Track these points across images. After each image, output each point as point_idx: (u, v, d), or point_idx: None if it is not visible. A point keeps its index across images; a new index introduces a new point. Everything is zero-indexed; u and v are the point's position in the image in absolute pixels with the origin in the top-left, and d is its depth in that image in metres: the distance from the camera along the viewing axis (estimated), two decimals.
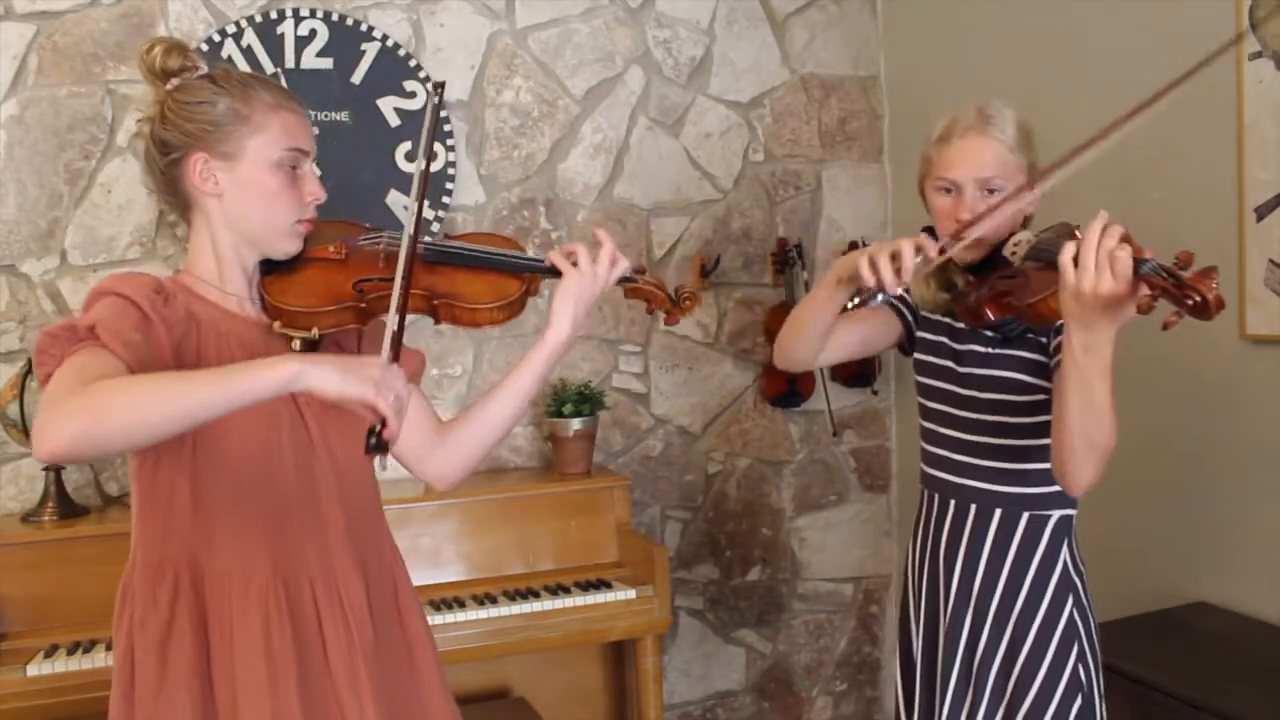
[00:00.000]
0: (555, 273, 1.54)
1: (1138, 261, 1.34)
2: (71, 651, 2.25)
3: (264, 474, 1.42)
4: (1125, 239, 1.36)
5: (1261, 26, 2.13)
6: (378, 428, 1.24)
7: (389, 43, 2.87)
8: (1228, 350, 2.23)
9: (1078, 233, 1.55)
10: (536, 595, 2.62)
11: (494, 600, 2.59)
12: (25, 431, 2.45)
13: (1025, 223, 1.71)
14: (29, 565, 2.38)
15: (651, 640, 2.69)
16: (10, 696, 2.16)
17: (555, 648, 2.69)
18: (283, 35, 2.78)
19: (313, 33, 2.81)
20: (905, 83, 3.34)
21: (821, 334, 1.78)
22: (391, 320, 1.36)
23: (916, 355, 1.85)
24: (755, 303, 3.29)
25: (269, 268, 1.50)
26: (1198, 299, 1.28)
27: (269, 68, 2.76)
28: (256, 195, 1.44)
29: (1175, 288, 1.31)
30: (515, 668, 2.87)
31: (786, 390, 3.24)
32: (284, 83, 2.70)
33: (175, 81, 1.44)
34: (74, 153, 2.69)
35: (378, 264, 1.51)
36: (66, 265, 2.69)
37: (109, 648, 2.26)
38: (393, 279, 1.42)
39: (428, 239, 1.55)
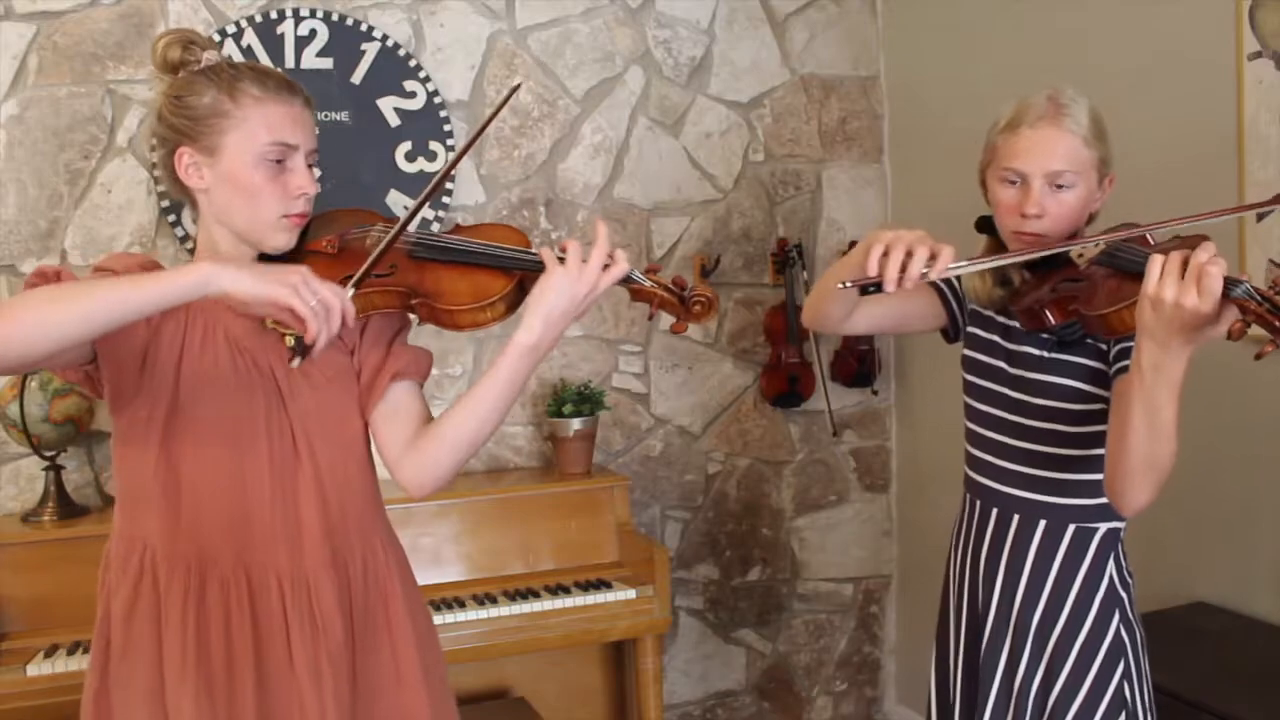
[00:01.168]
0: (543, 268, 1.43)
1: (1229, 283, 1.25)
2: (71, 651, 2.25)
3: (236, 469, 1.42)
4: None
5: (1261, 26, 2.13)
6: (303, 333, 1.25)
7: (389, 43, 2.87)
8: (1229, 350, 2.23)
9: (1149, 237, 1.48)
10: (536, 595, 2.62)
11: (494, 600, 2.59)
12: (25, 431, 2.45)
13: (1090, 220, 1.62)
14: (29, 565, 2.38)
15: (651, 640, 2.69)
16: (10, 696, 2.16)
17: (555, 648, 2.69)
18: (283, 35, 2.78)
19: (313, 33, 2.81)
20: (905, 83, 3.34)
21: (844, 302, 1.69)
22: (373, 255, 1.38)
23: (965, 352, 1.76)
24: (755, 303, 3.29)
25: (266, 261, 1.47)
26: None
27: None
28: (239, 191, 1.41)
29: (1273, 314, 1.22)
30: (515, 668, 2.87)
31: (786, 390, 3.24)
32: None
33: (181, 74, 1.43)
34: (74, 153, 2.68)
35: (366, 257, 1.46)
36: (66, 265, 2.68)
37: None
38: (382, 275, 1.42)
39: (420, 232, 1.51)
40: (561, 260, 1.41)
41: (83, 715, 1.45)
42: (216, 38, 2.72)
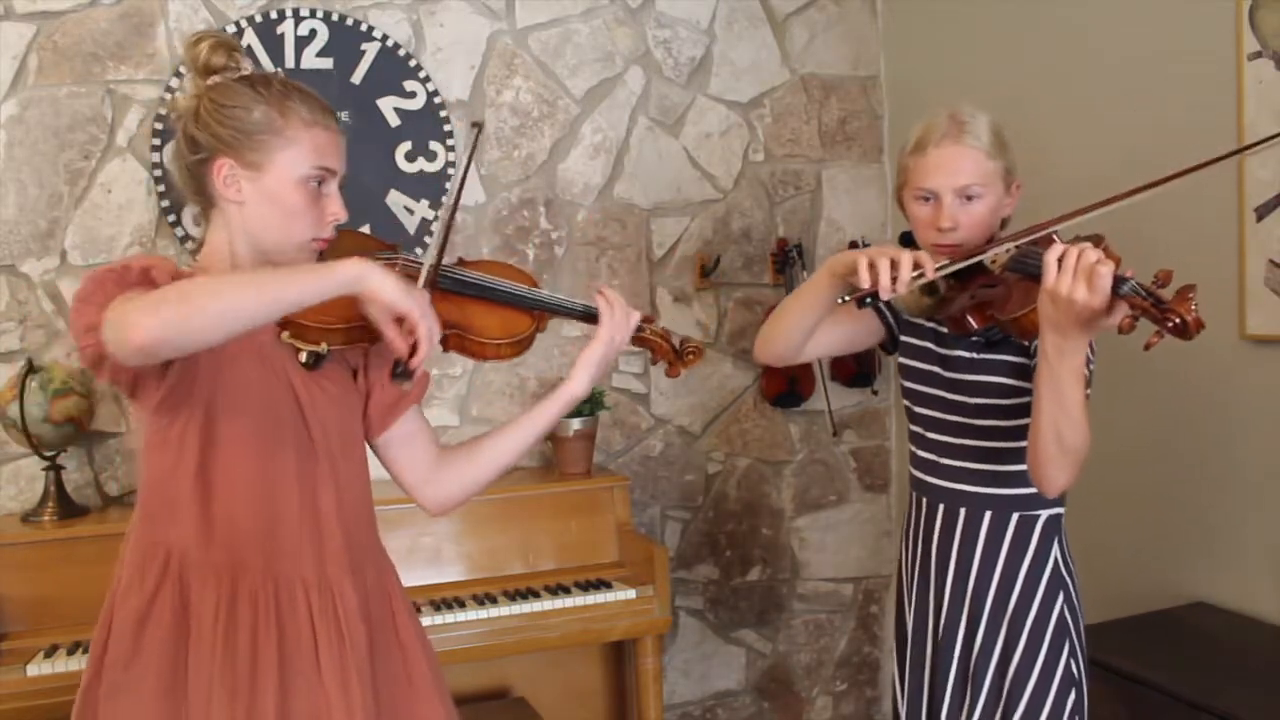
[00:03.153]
0: (584, 317, 1.59)
1: (1118, 280, 1.35)
2: (71, 651, 2.25)
3: (267, 478, 1.43)
4: (1110, 258, 1.38)
5: (1261, 26, 2.13)
6: (404, 358, 1.34)
7: (389, 43, 2.87)
8: (1228, 350, 2.23)
9: (1055, 237, 1.56)
10: (536, 595, 2.62)
11: (494, 600, 2.59)
12: (25, 431, 2.45)
13: (1003, 224, 1.73)
14: (29, 565, 2.38)
15: (651, 640, 2.69)
16: (10, 696, 2.16)
17: (555, 648, 2.69)
18: (283, 35, 2.78)
19: (313, 33, 2.81)
20: (905, 83, 3.34)
21: (806, 329, 1.80)
22: (430, 256, 1.46)
23: (901, 359, 1.86)
24: (755, 303, 3.29)
25: None
26: (1177, 321, 1.31)
27: (269, 68, 2.76)
28: (278, 209, 1.43)
29: (1155, 308, 1.33)
30: (515, 668, 2.87)
31: (786, 390, 3.24)
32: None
33: (215, 79, 1.43)
34: (74, 153, 2.68)
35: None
36: (66, 265, 2.69)
37: None
38: None
39: (446, 266, 1.58)
40: (590, 317, 1.58)
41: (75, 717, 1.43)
42: None
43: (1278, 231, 2.11)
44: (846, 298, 1.60)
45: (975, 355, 1.73)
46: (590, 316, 1.59)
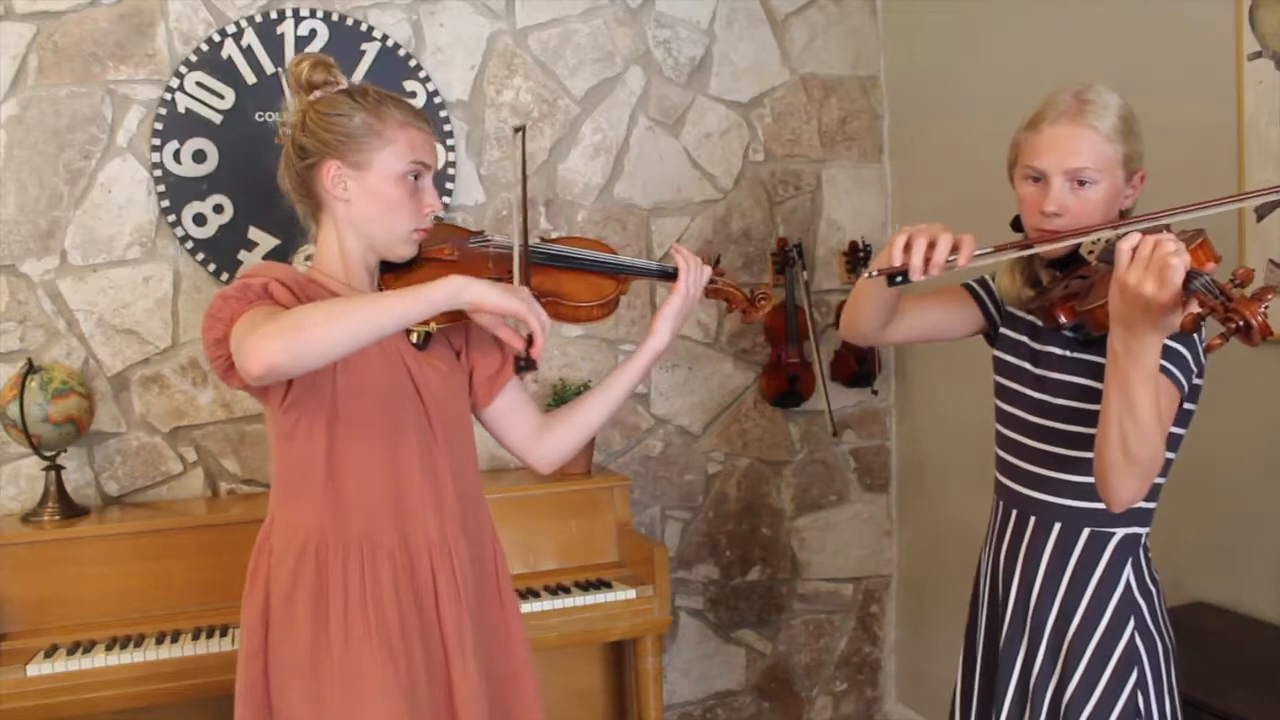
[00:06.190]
0: (662, 276, 1.72)
1: (1190, 275, 1.24)
2: (71, 651, 2.25)
3: (392, 454, 1.57)
4: (1209, 256, 1.29)
5: (1261, 26, 2.13)
6: (524, 349, 1.45)
7: (389, 43, 2.87)
8: (1228, 350, 2.23)
9: (1168, 231, 1.46)
10: (536, 595, 2.62)
11: None
12: (25, 431, 2.45)
13: (1122, 217, 1.58)
14: (29, 565, 2.38)
15: (651, 640, 2.68)
16: (10, 696, 2.16)
17: (555, 648, 2.68)
18: (283, 35, 2.78)
19: (313, 33, 2.81)
20: (905, 83, 3.34)
21: (879, 307, 1.70)
22: (516, 250, 1.58)
23: (996, 353, 1.75)
24: None
25: (387, 266, 1.64)
26: (1240, 323, 1.20)
27: (269, 68, 2.76)
28: (380, 203, 1.57)
29: (1222, 308, 1.22)
30: None
31: (786, 390, 3.24)
32: (283, 82, 2.72)
33: (317, 94, 1.59)
34: (74, 153, 2.68)
35: (487, 265, 1.67)
36: (66, 265, 2.69)
37: (109, 647, 2.27)
38: (501, 280, 1.58)
39: (535, 242, 1.71)
40: (672, 276, 1.70)
41: (242, 690, 1.55)
42: (216, 38, 2.72)
43: (1278, 232, 2.11)
44: (875, 272, 1.52)
45: (1068, 354, 1.61)
46: (666, 275, 1.72)
